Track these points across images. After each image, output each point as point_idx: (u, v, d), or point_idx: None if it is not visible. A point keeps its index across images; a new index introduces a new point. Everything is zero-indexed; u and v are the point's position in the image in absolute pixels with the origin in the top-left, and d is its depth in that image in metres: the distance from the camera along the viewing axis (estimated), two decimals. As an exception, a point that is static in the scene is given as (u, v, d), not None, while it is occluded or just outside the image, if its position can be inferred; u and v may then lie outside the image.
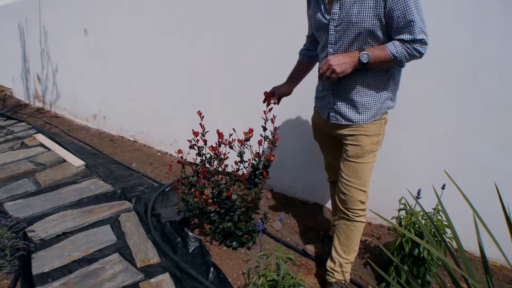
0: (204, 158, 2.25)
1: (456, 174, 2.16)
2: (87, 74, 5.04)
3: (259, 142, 2.14)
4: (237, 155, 2.21)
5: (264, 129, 2.12)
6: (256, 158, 2.18)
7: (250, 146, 2.17)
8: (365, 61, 1.49)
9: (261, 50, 2.89)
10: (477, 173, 2.14)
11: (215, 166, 2.22)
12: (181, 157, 2.19)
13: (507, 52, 1.93)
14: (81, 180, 3.32)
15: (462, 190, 1.17)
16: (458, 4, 2.00)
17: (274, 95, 2.02)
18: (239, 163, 2.24)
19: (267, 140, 2.16)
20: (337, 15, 1.55)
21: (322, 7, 1.63)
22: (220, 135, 2.17)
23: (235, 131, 2.20)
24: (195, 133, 2.17)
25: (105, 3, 4.36)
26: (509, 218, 1.04)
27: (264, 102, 2.07)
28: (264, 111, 2.06)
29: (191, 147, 2.19)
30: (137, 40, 4.06)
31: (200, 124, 2.22)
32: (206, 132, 2.22)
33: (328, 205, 2.79)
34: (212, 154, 2.20)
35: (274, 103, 2.04)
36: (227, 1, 3.03)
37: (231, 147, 2.17)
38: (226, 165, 2.24)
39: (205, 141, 2.22)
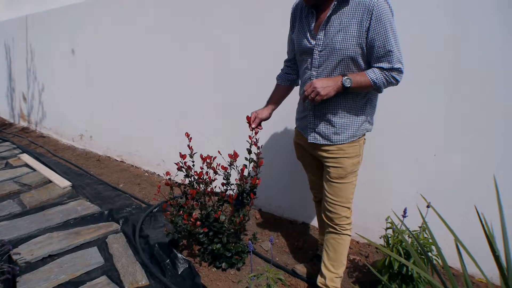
0: (192, 179, 2.26)
1: (441, 191, 2.24)
2: (74, 94, 5.04)
3: (242, 170, 2.17)
4: (223, 178, 2.23)
5: (249, 152, 2.15)
6: (241, 182, 2.20)
7: (237, 166, 2.20)
8: (348, 85, 1.58)
9: (245, 69, 2.95)
10: (461, 191, 2.20)
11: (202, 189, 2.23)
12: (169, 178, 2.20)
13: (485, 82, 2.02)
14: (67, 201, 3.28)
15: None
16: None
17: (256, 120, 2.03)
18: (226, 185, 2.26)
19: (253, 162, 2.19)
20: (322, 41, 1.64)
21: (308, 33, 1.71)
22: (204, 159, 2.19)
23: (220, 154, 2.22)
24: (183, 156, 2.19)
25: (93, 25, 4.41)
26: (490, 237, 1.07)
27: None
28: (250, 136, 2.09)
29: (179, 169, 2.20)
30: (123, 61, 4.11)
31: (188, 145, 2.24)
32: (193, 154, 2.24)
33: (316, 224, 2.81)
34: (198, 178, 2.21)
35: (256, 127, 2.04)
36: (208, 23, 3.13)
37: (215, 172, 2.19)
38: (214, 187, 2.26)
39: (189, 167, 2.23)
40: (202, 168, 2.20)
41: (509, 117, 1.99)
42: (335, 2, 1.57)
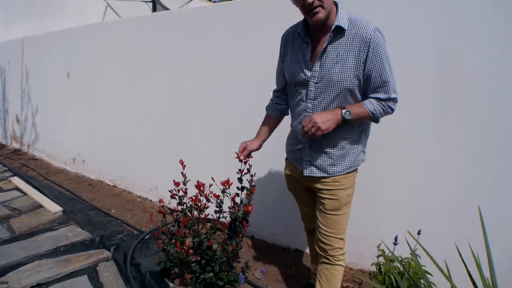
0: (185, 207, 2.26)
1: (432, 217, 2.26)
2: (68, 117, 5.05)
3: (233, 198, 2.18)
4: (216, 206, 2.23)
5: (240, 181, 2.15)
6: (234, 210, 2.21)
7: (230, 194, 2.21)
8: (348, 118, 1.58)
9: (241, 94, 3.01)
10: (452, 216, 2.22)
11: (196, 216, 2.23)
12: (162, 206, 2.20)
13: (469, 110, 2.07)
14: (58, 227, 3.24)
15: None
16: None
17: (245, 151, 2.01)
18: (218, 213, 2.25)
19: (245, 190, 2.20)
20: (318, 73, 1.64)
21: (303, 64, 1.69)
22: (198, 187, 2.19)
23: (213, 180, 2.24)
24: (176, 184, 2.19)
25: (88, 49, 4.47)
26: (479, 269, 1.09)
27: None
28: (240, 169, 2.10)
29: (172, 196, 2.20)
30: (118, 85, 4.14)
31: (182, 172, 2.24)
32: (187, 181, 2.24)
33: (309, 250, 2.81)
34: (193, 204, 2.20)
35: (245, 159, 2.03)
36: (204, 47, 3.19)
37: (208, 200, 2.19)
38: (207, 214, 2.25)
39: (185, 192, 2.24)
40: (196, 195, 2.19)
41: (499, 147, 2.04)
42: (331, 33, 1.58)
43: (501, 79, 1.97)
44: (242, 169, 2.09)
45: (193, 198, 2.15)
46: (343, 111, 1.58)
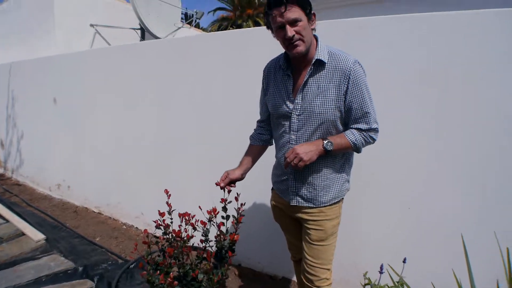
0: (170, 237, 2.23)
1: (418, 244, 2.28)
2: (53, 143, 5.00)
3: (219, 226, 2.16)
4: (202, 235, 2.21)
5: (225, 210, 2.15)
6: (220, 239, 2.19)
7: (216, 223, 2.19)
8: (329, 149, 1.61)
9: (227, 125, 3.03)
10: (437, 243, 2.24)
11: (180, 246, 2.20)
12: (147, 236, 2.17)
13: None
14: (40, 255, 3.16)
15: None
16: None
17: (226, 179, 2.01)
18: (204, 242, 2.24)
19: (233, 218, 2.19)
20: (300, 105, 1.67)
21: (285, 96, 1.73)
22: (182, 215, 2.17)
23: (201, 209, 2.23)
24: (161, 214, 2.18)
25: (76, 77, 4.49)
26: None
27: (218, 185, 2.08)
28: (222, 199, 2.09)
29: (157, 227, 2.18)
30: (105, 113, 4.14)
31: (167, 202, 2.23)
32: (172, 211, 2.23)
33: (297, 279, 2.79)
34: (175, 237, 2.19)
35: (226, 187, 2.03)
36: (186, 82, 3.25)
37: (194, 229, 2.18)
38: (192, 244, 2.23)
39: (167, 225, 2.22)
40: (180, 226, 2.18)
41: (482, 172, 2.09)
42: (312, 66, 1.63)
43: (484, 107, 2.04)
44: (225, 198, 2.08)
45: (176, 230, 2.14)
46: (325, 142, 1.61)
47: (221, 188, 2.02)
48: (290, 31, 1.54)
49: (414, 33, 2.18)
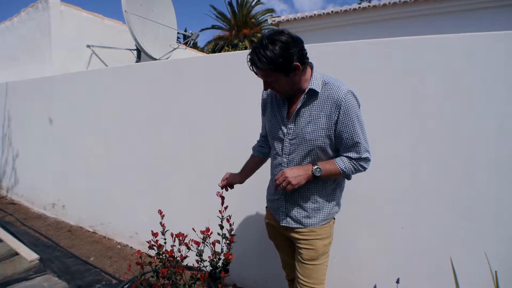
0: (164, 257, 2.26)
1: (412, 264, 2.30)
2: (49, 162, 5.02)
3: (213, 244, 2.20)
4: (196, 255, 2.24)
5: (221, 227, 2.19)
6: (214, 258, 2.22)
7: (210, 243, 2.23)
8: (318, 175, 1.66)
9: (221, 147, 3.07)
10: (430, 263, 2.26)
11: (173, 267, 2.23)
12: (140, 257, 2.20)
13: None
14: (34, 276, 3.15)
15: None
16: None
17: (227, 180, 2.15)
18: (199, 262, 2.26)
19: (225, 238, 2.23)
20: (292, 130, 1.74)
21: (280, 120, 1.80)
22: (176, 236, 2.20)
23: (194, 231, 2.26)
24: (154, 234, 2.21)
25: (71, 97, 4.56)
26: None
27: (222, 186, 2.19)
28: (220, 211, 2.15)
29: (150, 247, 2.21)
30: (99, 133, 4.20)
31: (161, 223, 2.27)
32: (166, 231, 2.26)
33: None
34: (168, 257, 2.21)
35: (225, 187, 2.16)
36: (180, 102, 3.31)
37: (188, 248, 2.21)
38: (186, 264, 2.26)
39: (160, 245, 2.24)
40: (173, 246, 2.21)
41: (474, 199, 2.13)
42: (305, 96, 1.69)
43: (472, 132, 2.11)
44: (222, 210, 2.15)
45: (169, 251, 2.17)
46: (314, 167, 1.66)
47: (220, 187, 2.13)
48: (265, 86, 1.71)
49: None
